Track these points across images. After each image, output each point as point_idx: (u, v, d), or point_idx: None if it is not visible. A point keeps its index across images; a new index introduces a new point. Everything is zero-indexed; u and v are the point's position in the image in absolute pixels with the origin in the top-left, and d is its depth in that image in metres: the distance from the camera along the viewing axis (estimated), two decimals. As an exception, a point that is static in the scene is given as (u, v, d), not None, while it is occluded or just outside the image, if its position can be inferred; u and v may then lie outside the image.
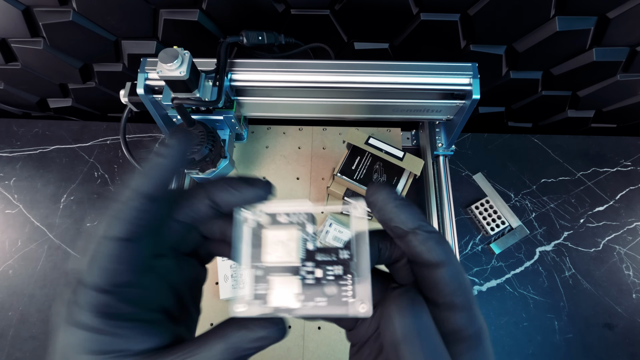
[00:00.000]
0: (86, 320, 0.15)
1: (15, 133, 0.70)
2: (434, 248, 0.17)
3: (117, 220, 0.15)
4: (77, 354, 0.15)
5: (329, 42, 0.56)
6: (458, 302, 0.17)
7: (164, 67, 0.41)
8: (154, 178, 0.16)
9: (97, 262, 0.15)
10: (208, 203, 0.18)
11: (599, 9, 0.51)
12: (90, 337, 0.15)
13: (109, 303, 0.15)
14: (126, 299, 0.15)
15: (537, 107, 0.71)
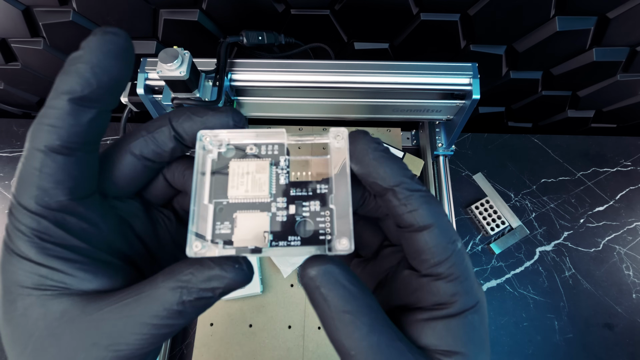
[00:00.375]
0: (22, 248, 0.13)
1: (15, 133, 0.70)
2: (417, 208, 0.14)
3: (44, 127, 0.13)
4: (15, 285, 0.13)
5: (329, 42, 0.56)
6: (446, 272, 0.14)
7: (164, 67, 0.41)
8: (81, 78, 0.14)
9: (22, 180, 0.13)
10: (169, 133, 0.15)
11: (599, 9, 0.51)
12: (27, 268, 0.13)
13: (43, 229, 0.13)
14: (66, 228, 0.13)
15: (537, 107, 0.71)
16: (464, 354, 0.14)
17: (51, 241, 0.13)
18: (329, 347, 0.53)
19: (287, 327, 0.54)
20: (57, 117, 0.13)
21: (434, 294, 0.15)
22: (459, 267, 0.15)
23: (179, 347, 0.54)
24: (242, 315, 0.55)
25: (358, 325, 0.13)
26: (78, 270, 0.13)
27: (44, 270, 0.13)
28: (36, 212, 0.13)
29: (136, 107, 0.51)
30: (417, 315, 0.15)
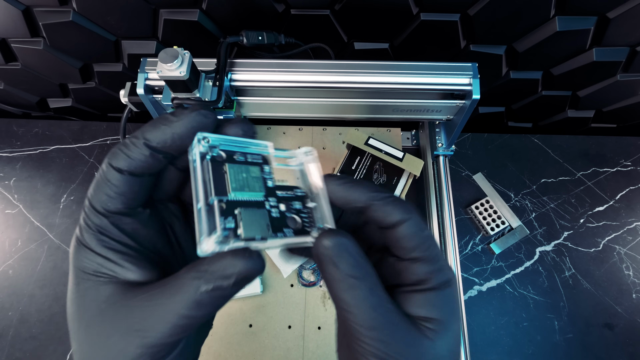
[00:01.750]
0: (87, 240, 0.16)
1: (15, 133, 0.70)
2: (391, 211, 0.18)
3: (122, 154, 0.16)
4: (79, 270, 0.16)
5: (329, 42, 0.56)
6: (420, 255, 0.18)
7: (164, 67, 0.41)
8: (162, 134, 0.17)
9: (95, 184, 0.17)
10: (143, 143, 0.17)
11: (599, 9, 0.51)
12: (89, 257, 0.16)
13: (104, 226, 0.16)
14: (120, 228, 0.17)
15: (537, 107, 0.71)
16: (440, 320, 0.17)
17: (108, 236, 0.16)
18: (329, 347, 0.53)
19: (287, 327, 0.54)
20: (133, 152, 0.16)
21: (414, 274, 0.18)
22: (432, 251, 0.18)
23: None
24: (242, 315, 0.55)
25: (361, 287, 0.16)
26: (125, 262, 0.16)
27: (101, 260, 0.16)
28: (101, 212, 0.16)
29: (136, 107, 0.51)
30: (402, 289, 0.18)
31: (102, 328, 0.16)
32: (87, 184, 0.65)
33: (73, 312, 0.16)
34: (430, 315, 0.17)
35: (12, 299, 0.57)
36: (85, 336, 0.16)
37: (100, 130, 0.70)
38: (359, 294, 0.16)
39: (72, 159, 0.68)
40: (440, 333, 0.17)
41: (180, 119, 0.17)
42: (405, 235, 0.18)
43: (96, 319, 0.16)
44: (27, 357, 0.54)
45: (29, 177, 0.66)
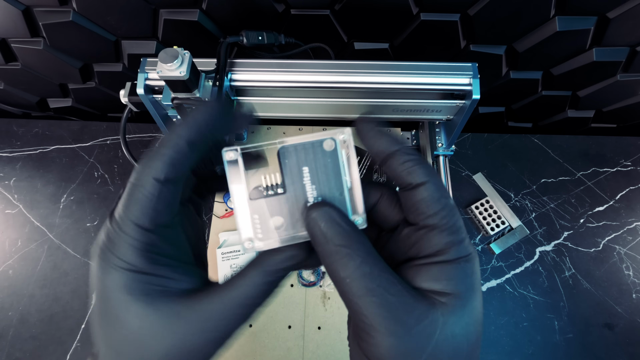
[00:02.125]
0: (128, 261, 0.15)
1: (15, 133, 0.70)
2: (413, 169, 0.17)
3: (162, 163, 0.16)
4: (120, 295, 0.15)
5: (329, 42, 0.56)
6: (439, 223, 0.17)
7: (164, 67, 0.41)
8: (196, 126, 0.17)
9: (138, 203, 0.16)
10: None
11: (599, 9, 0.51)
12: (133, 278, 0.15)
13: (152, 242, 0.16)
14: (166, 239, 0.16)
15: (537, 107, 0.71)
16: (457, 295, 0.16)
17: (159, 253, 0.16)
18: (329, 347, 0.53)
19: (287, 327, 0.54)
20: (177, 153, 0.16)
21: (431, 244, 0.17)
22: (451, 219, 0.17)
23: (179, 347, 0.54)
24: (242, 315, 0.55)
25: (353, 257, 0.15)
26: (174, 274, 0.16)
27: (149, 278, 0.16)
28: (150, 229, 0.16)
29: (136, 107, 0.51)
30: (414, 262, 0.17)
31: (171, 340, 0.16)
32: (87, 184, 0.65)
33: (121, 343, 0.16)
34: (444, 288, 0.16)
35: (12, 299, 0.57)
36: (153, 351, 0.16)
37: (100, 130, 0.70)
38: (350, 264, 0.15)
39: (72, 159, 0.68)
40: (455, 309, 0.16)
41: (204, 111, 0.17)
42: (425, 197, 0.16)
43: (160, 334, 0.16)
44: (27, 357, 0.54)
45: (29, 177, 0.66)
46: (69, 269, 0.59)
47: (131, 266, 0.15)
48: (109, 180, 0.66)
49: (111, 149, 0.68)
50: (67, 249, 0.61)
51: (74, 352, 0.54)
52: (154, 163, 0.16)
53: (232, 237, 0.58)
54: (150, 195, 0.16)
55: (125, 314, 0.15)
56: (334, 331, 0.54)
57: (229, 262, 0.56)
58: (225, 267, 0.55)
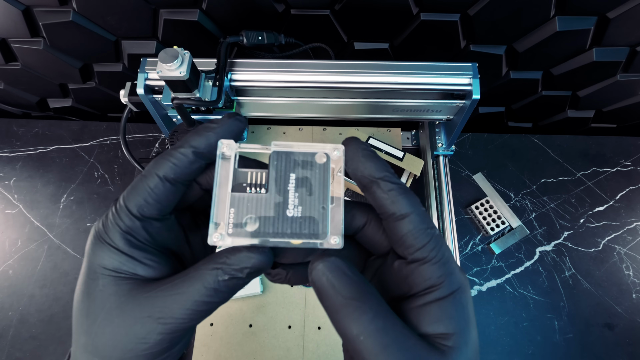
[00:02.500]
0: (113, 238, 0.17)
1: (15, 133, 0.70)
2: (397, 198, 0.17)
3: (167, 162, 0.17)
4: (99, 266, 0.17)
5: (329, 42, 0.56)
6: (429, 257, 0.16)
7: (164, 67, 0.41)
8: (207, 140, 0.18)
9: (136, 192, 0.17)
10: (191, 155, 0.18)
11: (599, 9, 0.51)
12: (112, 255, 0.17)
13: (135, 228, 0.17)
14: (148, 231, 0.18)
15: (537, 107, 0.71)
16: (456, 333, 0.16)
17: (136, 237, 0.17)
18: (329, 347, 0.53)
19: (287, 327, 0.54)
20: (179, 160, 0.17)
21: (424, 278, 0.17)
22: (440, 250, 0.17)
23: (179, 347, 0.54)
24: (242, 315, 0.55)
25: (365, 310, 0.15)
26: (148, 261, 0.17)
27: (124, 258, 0.17)
28: (135, 215, 0.17)
29: (136, 107, 0.51)
30: (413, 303, 0.17)
31: (122, 319, 0.16)
32: (87, 184, 0.65)
33: (87, 307, 0.17)
34: (445, 330, 0.16)
35: (12, 299, 0.57)
36: (102, 328, 0.17)
37: (100, 130, 0.70)
38: (363, 318, 0.15)
39: (72, 159, 0.68)
40: (459, 348, 0.16)
41: (221, 125, 0.18)
42: (411, 230, 0.16)
43: (115, 312, 0.17)
44: (27, 357, 0.54)
45: (29, 177, 0.66)
46: (69, 269, 0.59)
47: (113, 244, 0.17)
48: (109, 180, 0.66)
49: (111, 149, 0.68)
50: (67, 249, 0.61)
51: (74, 352, 0.54)
52: (161, 162, 0.17)
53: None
54: (148, 187, 0.17)
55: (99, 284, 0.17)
56: (334, 331, 0.54)
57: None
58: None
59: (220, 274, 0.16)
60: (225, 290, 0.17)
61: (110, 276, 0.17)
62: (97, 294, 0.17)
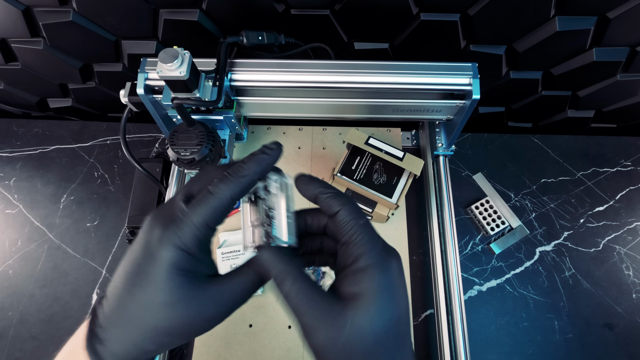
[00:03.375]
0: (186, 244, 0.21)
1: (15, 133, 0.70)
2: (331, 201, 0.23)
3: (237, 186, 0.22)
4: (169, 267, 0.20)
5: (329, 42, 0.56)
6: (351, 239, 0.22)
7: (164, 67, 0.41)
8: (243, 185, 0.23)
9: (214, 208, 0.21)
10: None
11: (599, 9, 0.51)
12: (184, 258, 0.21)
13: (207, 237, 0.22)
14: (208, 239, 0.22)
15: (537, 107, 0.71)
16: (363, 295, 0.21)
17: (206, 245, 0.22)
18: (329, 347, 0.53)
19: (287, 327, 0.54)
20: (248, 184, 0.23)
21: (349, 255, 0.22)
22: (360, 235, 0.22)
23: (179, 347, 0.54)
24: (242, 315, 0.55)
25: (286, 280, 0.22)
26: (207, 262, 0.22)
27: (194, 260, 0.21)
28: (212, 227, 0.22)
29: (136, 107, 0.51)
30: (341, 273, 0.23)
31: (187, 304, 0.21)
32: (87, 183, 0.65)
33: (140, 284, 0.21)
34: (354, 290, 0.21)
35: (12, 299, 0.57)
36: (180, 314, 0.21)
37: (100, 130, 0.70)
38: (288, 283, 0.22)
39: (72, 159, 0.68)
40: (361, 307, 0.21)
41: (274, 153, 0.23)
42: (341, 220, 0.23)
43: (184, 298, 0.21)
44: (27, 357, 0.54)
45: (29, 177, 0.66)
46: (69, 269, 0.59)
47: (187, 248, 0.21)
48: (109, 180, 0.66)
49: (111, 149, 0.68)
50: (67, 249, 0.61)
51: (74, 352, 0.54)
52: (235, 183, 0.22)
53: (232, 237, 0.58)
54: (223, 207, 0.22)
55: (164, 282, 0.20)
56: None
57: (229, 262, 0.56)
58: (225, 267, 0.55)
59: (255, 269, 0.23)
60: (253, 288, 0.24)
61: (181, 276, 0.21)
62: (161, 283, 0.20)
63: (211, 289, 0.22)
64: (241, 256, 0.56)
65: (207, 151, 0.48)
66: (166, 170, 0.63)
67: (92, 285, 0.58)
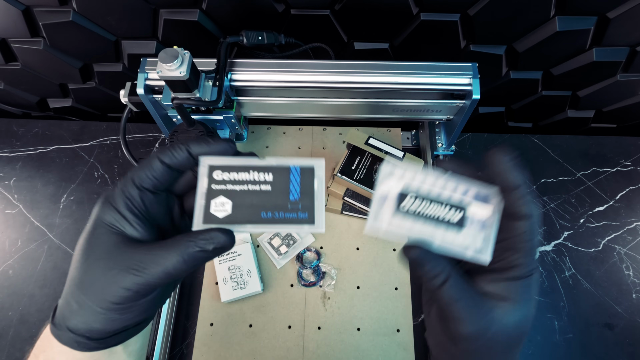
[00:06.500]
0: (116, 201, 0.22)
1: (15, 133, 0.70)
2: (528, 203, 0.21)
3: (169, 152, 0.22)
4: (99, 219, 0.22)
5: (329, 42, 0.56)
6: (519, 246, 0.22)
7: (164, 67, 0.41)
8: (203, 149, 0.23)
9: (140, 167, 0.23)
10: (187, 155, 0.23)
11: (599, 9, 0.51)
12: (110, 212, 0.22)
13: (133, 195, 0.22)
14: (143, 200, 0.22)
15: (537, 107, 0.71)
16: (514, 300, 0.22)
17: (132, 203, 0.22)
18: (329, 347, 0.53)
19: (287, 327, 0.54)
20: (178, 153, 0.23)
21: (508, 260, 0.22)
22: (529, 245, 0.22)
23: (179, 347, 0.54)
24: (242, 315, 0.55)
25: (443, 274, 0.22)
26: (134, 223, 0.22)
27: (119, 216, 0.22)
28: (136, 186, 0.22)
29: (136, 107, 0.51)
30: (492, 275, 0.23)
31: (106, 262, 0.21)
32: (87, 184, 0.65)
33: (84, 249, 0.22)
34: (506, 296, 0.22)
35: (12, 299, 0.57)
36: (89, 266, 0.21)
37: (100, 130, 0.70)
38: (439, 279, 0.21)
39: (72, 159, 0.68)
40: (511, 309, 0.22)
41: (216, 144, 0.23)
42: (525, 229, 0.21)
43: (103, 256, 0.21)
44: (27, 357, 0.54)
45: (29, 177, 0.66)
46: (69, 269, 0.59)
47: (114, 204, 0.22)
48: (109, 180, 0.66)
49: (111, 149, 0.68)
50: (67, 249, 0.61)
51: (74, 352, 0.54)
52: (164, 149, 0.23)
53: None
54: (148, 165, 0.22)
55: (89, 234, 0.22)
56: (334, 331, 0.54)
57: (226, 264, 0.56)
58: (223, 270, 0.55)
59: (193, 245, 0.21)
60: (192, 261, 0.21)
61: (104, 228, 0.21)
62: (93, 240, 0.22)
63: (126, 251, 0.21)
64: (238, 257, 0.56)
65: (207, 151, 0.48)
66: (166, 170, 0.63)
67: (92, 285, 0.58)
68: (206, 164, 0.23)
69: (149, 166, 0.22)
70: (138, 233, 0.22)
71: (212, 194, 0.22)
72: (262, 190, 0.23)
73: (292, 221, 0.22)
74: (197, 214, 0.22)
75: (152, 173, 0.22)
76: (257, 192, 0.22)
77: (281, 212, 0.22)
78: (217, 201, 0.22)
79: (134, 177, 0.22)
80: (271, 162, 0.23)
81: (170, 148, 0.23)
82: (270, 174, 0.23)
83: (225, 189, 0.22)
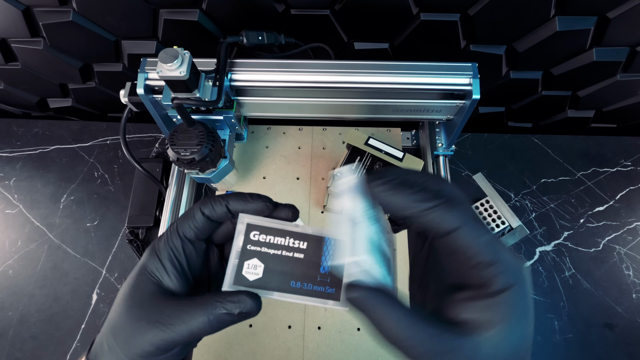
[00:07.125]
0: (160, 250, 0.23)
1: (15, 133, 0.70)
2: (443, 218, 0.17)
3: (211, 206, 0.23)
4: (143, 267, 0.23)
5: (329, 42, 0.56)
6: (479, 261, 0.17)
7: (164, 67, 0.41)
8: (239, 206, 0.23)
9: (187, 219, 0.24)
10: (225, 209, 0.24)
11: (599, 9, 0.51)
12: (154, 260, 0.23)
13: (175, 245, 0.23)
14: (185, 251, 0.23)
15: (537, 107, 0.71)
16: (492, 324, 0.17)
17: (175, 255, 0.23)
18: (329, 347, 0.53)
19: (287, 327, 0.54)
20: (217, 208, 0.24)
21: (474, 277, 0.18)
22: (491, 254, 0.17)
23: (179, 347, 0.54)
24: (242, 315, 0.55)
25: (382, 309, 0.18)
26: (172, 274, 0.23)
27: (159, 266, 0.23)
28: (180, 236, 0.23)
29: (136, 107, 0.51)
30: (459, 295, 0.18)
31: (138, 312, 0.21)
32: (87, 183, 0.65)
33: (125, 292, 0.22)
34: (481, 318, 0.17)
35: (12, 299, 0.57)
36: (123, 312, 0.22)
37: (100, 130, 0.70)
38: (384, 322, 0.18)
39: (72, 159, 0.68)
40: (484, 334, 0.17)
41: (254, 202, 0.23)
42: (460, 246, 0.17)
43: (137, 304, 0.22)
44: (27, 357, 0.54)
45: (29, 177, 0.66)
46: (69, 269, 0.59)
47: (157, 251, 0.23)
48: (109, 180, 0.66)
49: (111, 149, 0.68)
50: (67, 249, 0.61)
51: (74, 352, 0.54)
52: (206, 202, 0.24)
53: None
54: (191, 216, 0.24)
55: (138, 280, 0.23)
56: (334, 331, 0.54)
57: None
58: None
59: (219, 307, 0.21)
60: (217, 323, 0.21)
61: (146, 276, 0.23)
62: (134, 286, 0.23)
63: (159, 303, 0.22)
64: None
65: (207, 151, 0.48)
66: (166, 170, 0.63)
67: (92, 285, 0.58)
68: (245, 221, 0.23)
69: (192, 217, 0.24)
70: (173, 285, 0.23)
71: (247, 254, 0.23)
72: (295, 258, 0.23)
73: (318, 295, 0.22)
74: (228, 273, 0.22)
75: (194, 223, 0.23)
76: (290, 259, 0.23)
77: (310, 284, 0.22)
78: (251, 263, 0.23)
79: (178, 227, 0.24)
80: (307, 230, 0.23)
81: (211, 200, 0.24)
82: (305, 242, 0.23)
83: (259, 250, 0.23)
